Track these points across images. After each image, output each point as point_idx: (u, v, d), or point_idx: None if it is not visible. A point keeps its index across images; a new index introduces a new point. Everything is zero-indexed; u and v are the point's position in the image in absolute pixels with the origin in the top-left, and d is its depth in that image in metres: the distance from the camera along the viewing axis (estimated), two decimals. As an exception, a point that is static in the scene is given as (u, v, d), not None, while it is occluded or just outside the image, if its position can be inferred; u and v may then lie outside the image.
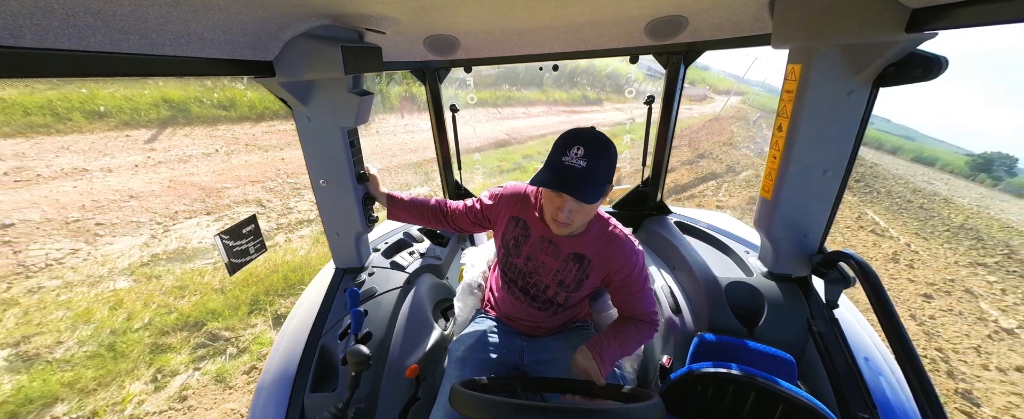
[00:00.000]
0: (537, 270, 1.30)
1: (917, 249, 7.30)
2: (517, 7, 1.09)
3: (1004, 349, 4.78)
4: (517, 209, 1.31)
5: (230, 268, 1.25)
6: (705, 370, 1.08)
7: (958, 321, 5.30)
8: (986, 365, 4.53)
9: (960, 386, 4.23)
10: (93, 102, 5.42)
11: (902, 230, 8.27)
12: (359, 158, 1.47)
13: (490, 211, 1.37)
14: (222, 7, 0.78)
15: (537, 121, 11.89)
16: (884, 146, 27.56)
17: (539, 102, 13.79)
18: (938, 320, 5.32)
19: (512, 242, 1.33)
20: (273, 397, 1.23)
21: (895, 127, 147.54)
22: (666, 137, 1.91)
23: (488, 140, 9.44)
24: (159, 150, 5.29)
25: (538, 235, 1.27)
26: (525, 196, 1.32)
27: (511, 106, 12.32)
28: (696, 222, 1.92)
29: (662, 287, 1.64)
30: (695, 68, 4.07)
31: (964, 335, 5.03)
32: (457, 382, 0.93)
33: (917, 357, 0.87)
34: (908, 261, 6.80)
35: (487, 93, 12.00)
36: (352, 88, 1.32)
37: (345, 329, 1.35)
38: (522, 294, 1.36)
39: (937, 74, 0.90)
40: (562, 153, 1.03)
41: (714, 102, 28.48)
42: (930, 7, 0.81)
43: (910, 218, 9.23)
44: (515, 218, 1.31)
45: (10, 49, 0.57)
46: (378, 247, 1.79)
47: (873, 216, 8.85)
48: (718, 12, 1.21)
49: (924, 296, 5.83)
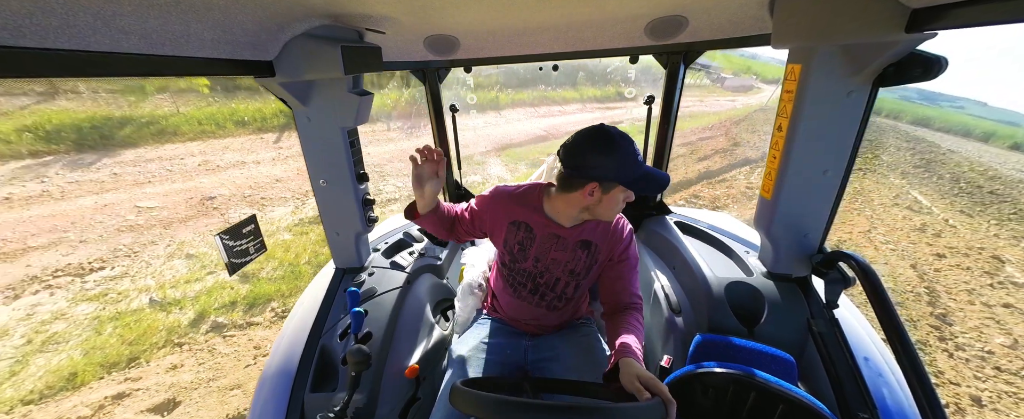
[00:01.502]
0: (548, 268, 1.29)
1: (956, 224, 7.38)
2: (517, 7, 1.09)
3: (1001, 293, 5.11)
4: (516, 213, 1.28)
5: (230, 268, 1.25)
6: (705, 370, 1.08)
7: (963, 273, 5.65)
8: (972, 301, 4.93)
9: (937, 311, 4.68)
10: (238, 114, 7.70)
11: (946, 208, 8.25)
12: (359, 158, 1.47)
13: (480, 219, 1.33)
14: (222, 7, 0.78)
15: (573, 117, 12.71)
16: (974, 133, 24.35)
17: (573, 100, 14.59)
18: (942, 272, 5.67)
19: (517, 247, 1.30)
20: (273, 397, 1.23)
21: (993, 111, 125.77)
22: (666, 137, 1.91)
23: (528, 136, 10.62)
24: (284, 147, 7.27)
25: (543, 234, 1.26)
26: (521, 196, 1.29)
27: (547, 105, 13.22)
28: (696, 222, 1.92)
29: (662, 287, 1.64)
30: (742, 57, 4.06)
31: (963, 282, 5.37)
32: (458, 381, 0.93)
33: (917, 357, 0.87)
34: (936, 231, 7.02)
35: (525, 94, 12.96)
36: (352, 88, 1.32)
37: (345, 329, 1.35)
38: (531, 295, 1.35)
39: (937, 74, 0.90)
40: (636, 156, 1.09)
41: (761, 92, 28.49)
42: (930, 7, 0.81)
43: (969, 201, 9.02)
44: (516, 223, 1.28)
45: (10, 49, 0.57)
46: (378, 247, 1.79)
47: (917, 196, 8.95)
48: (718, 12, 1.21)
49: (937, 255, 6.15)
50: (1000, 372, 3.73)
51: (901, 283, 5.34)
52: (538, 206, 1.26)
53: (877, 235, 6.77)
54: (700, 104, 20.10)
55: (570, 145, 1.12)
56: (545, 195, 1.26)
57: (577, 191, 1.13)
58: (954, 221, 7.55)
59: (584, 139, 1.10)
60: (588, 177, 1.09)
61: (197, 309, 3.54)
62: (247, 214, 1.28)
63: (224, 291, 3.78)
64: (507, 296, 1.42)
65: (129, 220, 4.74)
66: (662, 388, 0.94)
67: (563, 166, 1.14)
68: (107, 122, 6.58)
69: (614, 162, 1.06)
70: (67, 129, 6.02)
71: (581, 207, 1.16)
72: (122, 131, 6.59)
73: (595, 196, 1.12)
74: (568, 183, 1.14)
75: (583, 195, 1.12)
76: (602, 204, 1.13)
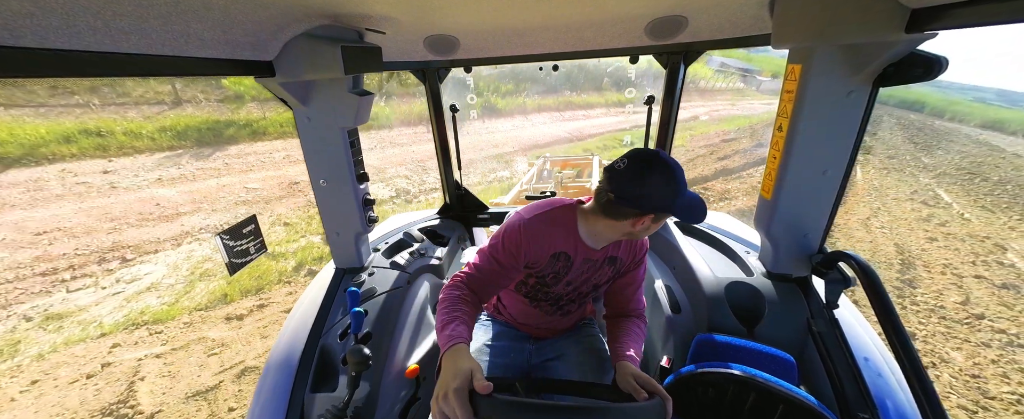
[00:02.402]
0: (578, 288, 1.26)
1: (970, 217, 7.41)
2: (517, 7, 1.09)
3: (981, 269, 5.46)
4: (556, 242, 1.15)
5: (230, 268, 1.25)
6: (705, 370, 1.08)
7: (950, 253, 5.93)
8: (945, 273, 5.27)
9: (905, 277, 5.14)
10: (290, 124, 9.04)
11: (967, 204, 8.20)
12: (359, 158, 1.47)
13: (518, 260, 1.15)
14: (222, 7, 0.78)
15: (596, 121, 13.50)
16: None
17: (598, 104, 15.18)
18: (928, 252, 5.94)
19: (552, 276, 1.21)
20: (273, 397, 1.23)
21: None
22: (667, 137, 1.91)
23: (554, 138, 11.82)
24: None
25: (580, 261, 1.18)
26: (553, 219, 1.15)
27: (572, 109, 14.10)
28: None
29: (662, 287, 1.64)
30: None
31: (944, 260, 5.65)
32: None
33: (917, 358, 0.87)
34: (941, 221, 7.16)
35: (551, 99, 14.07)
36: (352, 88, 1.32)
37: (345, 329, 1.35)
38: (550, 307, 1.32)
39: (937, 74, 0.90)
40: (681, 184, 1.01)
41: None
42: (930, 7, 0.81)
43: (994, 199, 8.76)
44: (557, 254, 1.16)
45: (10, 49, 0.57)
46: (378, 247, 1.79)
47: (941, 193, 9.01)
48: (718, 12, 1.21)
49: (930, 239, 6.41)
50: (943, 320, 4.40)
51: (878, 256, 5.65)
52: (573, 229, 1.15)
53: (875, 222, 6.91)
54: (731, 108, 19.57)
55: (623, 172, 1.01)
56: (579, 216, 1.15)
57: (626, 220, 1.04)
58: (971, 215, 7.54)
59: (641, 167, 0.99)
60: (643, 208, 1.01)
61: (297, 260, 4.84)
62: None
63: (314, 249, 5.09)
64: (520, 305, 1.36)
65: (242, 197, 6.25)
66: (658, 386, 0.95)
67: (613, 193, 1.02)
68: (217, 124, 8.32)
69: (672, 192, 0.99)
70: (191, 129, 7.72)
71: (624, 233, 1.09)
72: (227, 131, 8.33)
73: (645, 224, 1.04)
74: (617, 211, 1.04)
75: (632, 224, 1.04)
76: (648, 229, 1.08)
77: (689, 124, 14.25)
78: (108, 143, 5.89)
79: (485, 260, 1.15)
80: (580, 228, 1.15)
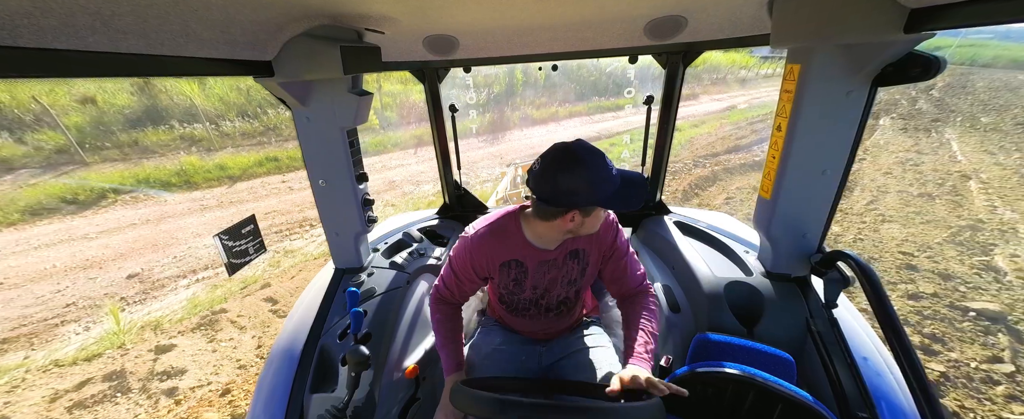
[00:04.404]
0: (547, 289, 1.26)
1: (984, 174, 7.19)
2: (517, 7, 1.09)
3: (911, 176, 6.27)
4: (501, 253, 1.18)
5: (229, 268, 1.25)
6: (704, 370, 1.08)
7: (891, 180, 6.50)
8: (908, 225, 5.47)
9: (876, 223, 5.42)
10: (394, 140, 10.70)
11: (982, 162, 7.80)
12: (359, 158, 1.47)
13: (472, 275, 1.22)
14: (220, 7, 0.78)
15: (625, 120, 14.39)
16: None
17: (627, 104, 16.09)
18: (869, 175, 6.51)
19: (512, 285, 1.24)
20: (273, 397, 1.23)
21: None
22: (666, 137, 1.91)
23: (583, 136, 11.36)
24: (421, 156, 9.64)
25: (535, 265, 1.20)
26: (498, 231, 1.18)
27: (601, 112, 15.23)
28: (695, 222, 1.92)
29: (662, 287, 1.64)
30: None
31: (881, 180, 6.15)
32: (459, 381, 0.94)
33: (916, 357, 0.88)
34: (916, 164, 7.63)
35: (581, 106, 15.51)
36: (351, 88, 1.32)
37: (344, 329, 1.35)
38: (536, 312, 1.33)
39: (935, 74, 0.90)
40: (608, 170, 1.00)
41: None
42: (928, 7, 0.81)
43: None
44: (506, 264, 1.20)
45: (9, 49, 0.57)
46: (378, 247, 1.79)
47: (953, 142, 9.07)
48: (717, 12, 1.21)
49: (885, 173, 7.12)
50: (846, 215, 5.34)
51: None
52: (519, 236, 1.17)
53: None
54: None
55: (538, 173, 1.01)
56: (523, 220, 1.17)
57: (556, 219, 1.04)
58: (983, 170, 7.26)
59: (550, 163, 0.99)
60: (565, 205, 1.00)
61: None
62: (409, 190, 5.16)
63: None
64: (512, 317, 1.39)
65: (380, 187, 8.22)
66: (658, 385, 0.95)
67: (535, 195, 1.04)
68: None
69: (586, 184, 0.97)
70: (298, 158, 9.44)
71: (564, 231, 1.09)
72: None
73: (577, 221, 1.04)
74: (545, 212, 1.05)
75: (564, 222, 1.04)
76: (585, 225, 1.07)
77: (726, 115, 14.24)
78: (281, 165, 8.74)
79: (448, 275, 1.25)
80: (526, 233, 1.16)
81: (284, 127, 10.46)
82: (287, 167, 8.81)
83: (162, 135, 9.15)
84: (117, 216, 6.54)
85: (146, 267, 5.05)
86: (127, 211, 6.72)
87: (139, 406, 2.96)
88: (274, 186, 7.86)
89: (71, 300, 4.43)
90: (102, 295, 4.54)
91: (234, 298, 4.18)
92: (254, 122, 10.31)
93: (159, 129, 9.23)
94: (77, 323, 4.03)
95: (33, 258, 5.33)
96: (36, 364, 3.42)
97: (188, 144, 9.20)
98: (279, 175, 8.44)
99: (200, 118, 9.58)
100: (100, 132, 8.77)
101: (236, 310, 3.94)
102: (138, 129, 9.06)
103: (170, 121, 9.51)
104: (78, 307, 4.30)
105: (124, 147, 8.73)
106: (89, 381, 3.20)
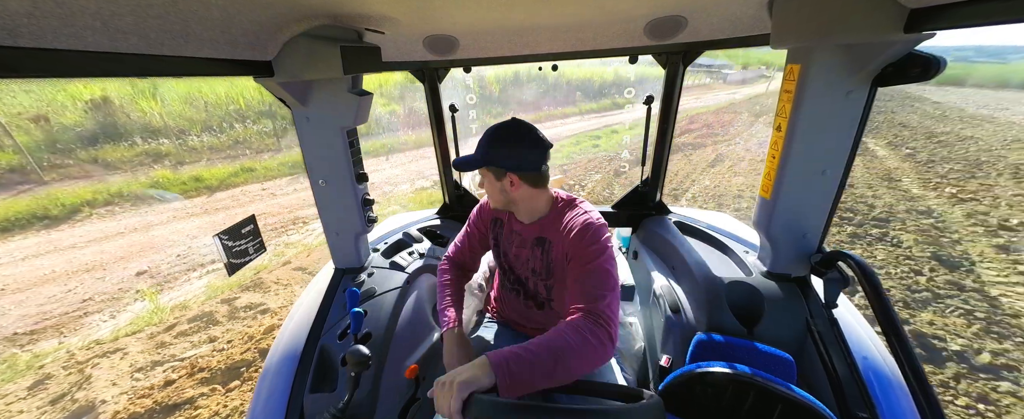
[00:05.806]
0: (517, 261, 1.36)
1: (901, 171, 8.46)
2: (517, 7, 1.09)
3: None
4: (495, 211, 1.40)
5: (229, 268, 1.25)
6: (704, 370, 1.08)
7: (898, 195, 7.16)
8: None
9: None
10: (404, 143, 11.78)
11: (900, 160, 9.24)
12: (359, 158, 1.47)
13: (480, 226, 1.45)
14: (220, 7, 0.78)
15: (631, 115, 16.14)
16: None
17: (626, 104, 18.37)
18: None
19: (494, 241, 1.42)
20: (272, 398, 1.23)
21: None
22: (665, 137, 1.91)
23: (584, 130, 14.21)
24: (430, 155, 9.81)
25: (508, 228, 1.37)
26: None
27: (614, 111, 17.35)
28: (695, 222, 1.92)
29: (661, 287, 1.64)
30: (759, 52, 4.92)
31: None
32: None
33: (915, 357, 0.88)
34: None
35: (596, 104, 18.19)
36: (351, 88, 1.32)
37: (344, 329, 1.35)
38: (515, 289, 1.42)
39: (935, 74, 0.90)
40: (520, 143, 1.19)
41: (772, 80, 30.64)
42: (928, 7, 0.81)
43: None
44: (495, 219, 1.41)
45: (9, 49, 0.57)
46: (378, 247, 1.79)
47: (875, 147, 10.63)
48: (717, 12, 1.21)
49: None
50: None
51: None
52: None
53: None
54: (696, 101, 21.57)
55: (480, 140, 1.22)
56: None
57: (502, 180, 1.21)
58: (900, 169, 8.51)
59: (489, 133, 1.20)
60: (503, 166, 1.19)
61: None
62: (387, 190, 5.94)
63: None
64: (503, 292, 1.49)
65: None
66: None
67: (481, 159, 1.22)
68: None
69: (517, 153, 1.16)
70: (298, 164, 10.03)
71: (504, 193, 1.23)
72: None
73: (516, 186, 1.19)
74: (495, 173, 1.22)
75: (505, 185, 1.21)
76: (523, 197, 1.22)
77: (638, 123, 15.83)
78: (258, 175, 9.03)
79: (461, 234, 1.48)
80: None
81: (253, 140, 10.89)
82: (264, 177, 9.10)
83: (124, 151, 9.02)
84: (99, 228, 6.59)
85: (152, 265, 5.25)
86: (106, 223, 6.76)
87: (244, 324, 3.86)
88: (255, 194, 8.20)
89: (87, 296, 4.64)
90: (116, 290, 4.76)
91: (266, 270, 4.90)
92: (221, 136, 10.50)
93: (120, 145, 9.13)
94: (100, 313, 4.29)
95: (25, 268, 5.41)
96: (79, 345, 3.69)
97: (152, 159, 9.14)
98: (257, 184, 8.72)
99: (164, 133, 9.55)
100: (58, 150, 8.51)
101: (272, 278, 4.70)
102: (96, 147, 8.85)
103: (132, 138, 9.36)
104: (96, 301, 4.55)
105: (85, 164, 8.52)
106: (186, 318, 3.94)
